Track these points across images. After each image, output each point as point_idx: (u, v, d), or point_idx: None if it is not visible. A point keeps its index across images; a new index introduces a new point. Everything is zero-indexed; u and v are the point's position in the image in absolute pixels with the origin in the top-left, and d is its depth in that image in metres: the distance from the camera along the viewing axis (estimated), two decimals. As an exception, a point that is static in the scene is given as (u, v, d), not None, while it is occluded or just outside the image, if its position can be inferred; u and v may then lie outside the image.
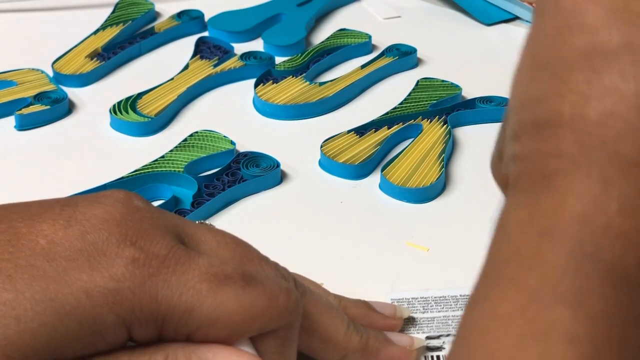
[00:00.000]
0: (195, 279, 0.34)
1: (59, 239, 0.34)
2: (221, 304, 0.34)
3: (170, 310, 0.34)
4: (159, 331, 0.34)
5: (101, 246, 0.33)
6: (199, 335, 0.34)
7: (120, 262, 0.33)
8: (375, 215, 0.54)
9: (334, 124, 0.63)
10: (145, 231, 0.34)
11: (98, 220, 0.34)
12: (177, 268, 0.34)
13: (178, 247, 0.35)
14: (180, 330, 0.34)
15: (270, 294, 0.35)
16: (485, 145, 0.63)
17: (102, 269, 0.33)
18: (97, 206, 0.35)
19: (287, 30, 0.74)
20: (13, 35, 0.74)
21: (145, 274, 0.33)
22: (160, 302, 0.33)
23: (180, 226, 0.36)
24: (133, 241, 0.34)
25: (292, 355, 0.37)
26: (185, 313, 0.34)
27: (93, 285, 0.33)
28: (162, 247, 0.34)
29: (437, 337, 0.44)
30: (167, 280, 0.34)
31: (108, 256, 0.33)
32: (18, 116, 0.62)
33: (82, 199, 0.36)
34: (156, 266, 0.34)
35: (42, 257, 0.33)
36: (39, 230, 0.34)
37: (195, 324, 0.34)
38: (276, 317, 0.35)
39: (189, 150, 0.58)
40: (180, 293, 0.34)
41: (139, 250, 0.34)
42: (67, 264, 0.33)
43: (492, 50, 0.74)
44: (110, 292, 0.33)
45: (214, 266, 0.35)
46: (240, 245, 0.38)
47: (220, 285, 0.34)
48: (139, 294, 0.33)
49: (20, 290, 0.32)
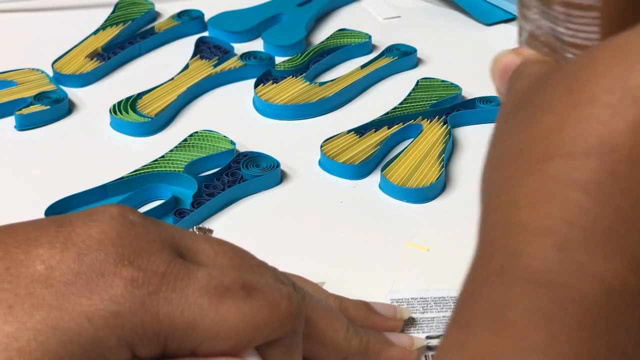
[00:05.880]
0: (196, 294, 0.34)
1: (56, 263, 0.33)
2: (223, 317, 0.34)
3: (172, 327, 0.33)
4: (162, 348, 0.34)
5: (99, 267, 0.33)
6: (203, 349, 0.34)
7: (119, 283, 0.33)
8: (375, 215, 0.54)
9: (334, 124, 0.63)
10: (142, 248, 0.34)
11: (94, 241, 0.34)
12: (177, 284, 0.34)
13: (176, 262, 0.35)
14: (183, 346, 0.34)
15: (272, 302, 0.35)
16: (485, 145, 0.63)
17: (102, 291, 0.33)
18: (92, 225, 0.35)
19: (287, 30, 0.74)
20: (13, 35, 0.74)
21: (144, 293, 0.33)
22: (162, 320, 0.33)
23: (177, 238, 0.36)
24: (131, 260, 0.34)
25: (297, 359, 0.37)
26: (188, 329, 0.34)
27: (94, 309, 0.33)
28: (160, 263, 0.34)
29: (437, 337, 0.44)
30: (167, 298, 0.33)
31: (106, 277, 0.33)
32: (18, 116, 0.62)
33: (77, 217, 0.35)
34: (155, 284, 0.33)
35: (40, 284, 0.33)
36: (35, 256, 0.34)
37: (199, 339, 0.34)
38: (279, 325, 0.35)
39: (189, 150, 0.58)
40: (182, 310, 0.34)
41: (137, 269, 0.33)
42: (66, 289, 0.33)
43: (492, 50, 0.73)
44: (111, 315, 0.33)
45: (213, 278, 0.35)
46: (238, 253, 0.38)
47: (221, 298, 0.34)
48: (140, 314, 0.33)
49: (22, 320, 0.32)
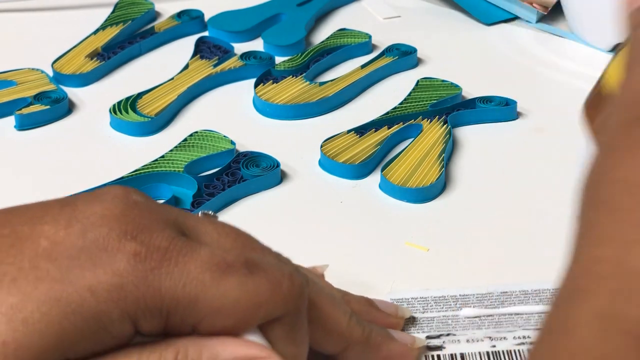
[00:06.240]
0: (198, 269, 0.34)
1: (60, 238, 0.34)
2: (225, 293, 0.34)
3: (174, 301, 0.34)
4: (164, 323, 0.34)
5: (102, 242, 0.34)
6: (205, 325, 0.35)
7: (122, 257, 0.33)
8: (375, 215, 0.54)
9: (334, 124, 0.63)
10: (145, 225, 0.35)
11: (97, 217, 0.34)
12: (179, 259, 0.34)
13: (179, 239, 0.35)
14: (185, 321, 0.34)
15: (274, 280, 0.35)
16: (485, 145, 0.63)
17: (105, 265, 0.33)
18: (96, 203, 0.35)
19: (287, 30, 0.74)
20: (13, 35, 0.74)
21: (147, 267, 0.33)
22: (164, 294, 0.33)
23: (180, 219, 0.37)
24: (133, 235, 0.34)
25: (302, 341, 0.37)
26: (189, 304, 0.34)
27: (97, 282, 0.33)
28: (163, 239, 0.34)
29: (437, 336, 0.44)
30: (169, 272, 0.34)
31: (109, 252, 0.33)
32: (18, 116, 0.62)
33: (81, 197, 0.36)
34: (158, 259, 0.34)
35: (44, 258, 0.33)
36: (40, 232, 0.34)
37: (201, 314, 0.34)
38: (281, 302, 0.35)
39: (189, 150, 0.58)
40: (184, 284, 0.34)
41: (140, 244, 0.34)
42: (69, 263, 0.33)
43: (492, 50, 0.74)
44: (114, 288, 0.33)
45: (216, 255, 0.35)
46: (241, 235, 0.38)
47: (223, 274, 0.34)
48: (142, 288, 0.33)
49: (26, 292, 0.32)
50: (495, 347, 0.43)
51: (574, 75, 0.70)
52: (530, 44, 0.75)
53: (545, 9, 0.77)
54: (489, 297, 0.47)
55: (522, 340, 0.43)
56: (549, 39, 0.75)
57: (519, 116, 0.64)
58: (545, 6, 0.77)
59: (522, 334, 0.44)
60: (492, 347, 0.43)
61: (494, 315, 0.45)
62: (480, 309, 0.46)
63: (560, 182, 0.57)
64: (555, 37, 0.76)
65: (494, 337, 0.44)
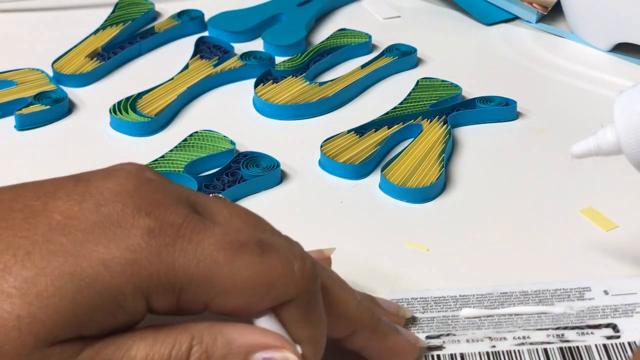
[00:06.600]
0: (212, 247, 0.34)
1: (74, 213, 0.34)
2: (238, 271, 0.34)
3: (187, 278, 0.34)
4: (177, 300, 0.34)
5: (116, 218, 0.34)
6: (217, 304, 0.35)
7: (136, 233, 0.33)
8: (375, 215, 0.54)
9: (334, 124, 0.63)
10: (159, 201, 0.35)
11: (112, 193, 0.34)
12: (192, 237, 0.34)
13: (193, 216, 0.35)
14: (198, 299, 0.34)
15: (286, 260, 0.35)
16: (485, 145, 0.63)
17: (119, 240, 0.33)
18: (110, 180, 0.35)
19: (287, 30, 0.74)
20: (13, 35, 0.74)
21: (161, 243, 0.33)
22: (177, 270, 0.33)
23: (192, 197, 0.37)
24: (148, 211, 0.34)
25: (318, 322, 0.37)
26: (202, 281, 0.34)
27: (110, 257, 0.33)
28: (177, 216, 0.34)
29: (437, 336, 0.44)
30: (183, 249, 0.34)
31: (124, 227, 0.33)
32: (18, 116, 0.62)
33: (95, 174, 0.36)
34: (172, 235, 0.34)
35: (58, 232, 0.33)
36: (54, 207, 0.34)
37: (213, 292, 0.34)
38: (293, 283, 0.35)
39: (189, 150, 0.58)
40: (197, 261, 0.34)
41: (154, 220, 0.34)
42: (83, 237, 0.33)
43: (492, 50, 0.74)
44: (127, 263, 0.33)
45: (229, 234, 0.35)
46: (252, 216, 0.38)
47: (237, 252, 0.34)
48: (156, 264, 0.33)
49: (39, 266, 0.32)
50: (495, 347, 0.43)
51: (574, 75, 0.70)
52: (530, 44, 0.75)
53: (545, 9, 0.77)
54: (489, 297, 0.47)
55: (522, 341, 0.43)
56: (549, 39, 0.75)
57: (519, 116, 0.64)
58: (545, 6, 0.77)
59: (522, 334, 0.44)
60: (492, 348, 0.43)
61: (494, 315, 0.45)
62: (480, 309, 0.46)
63: (560, 182, 0.57)
64: (555, 37, 0.76)
65: (493, 338, 0.44)
